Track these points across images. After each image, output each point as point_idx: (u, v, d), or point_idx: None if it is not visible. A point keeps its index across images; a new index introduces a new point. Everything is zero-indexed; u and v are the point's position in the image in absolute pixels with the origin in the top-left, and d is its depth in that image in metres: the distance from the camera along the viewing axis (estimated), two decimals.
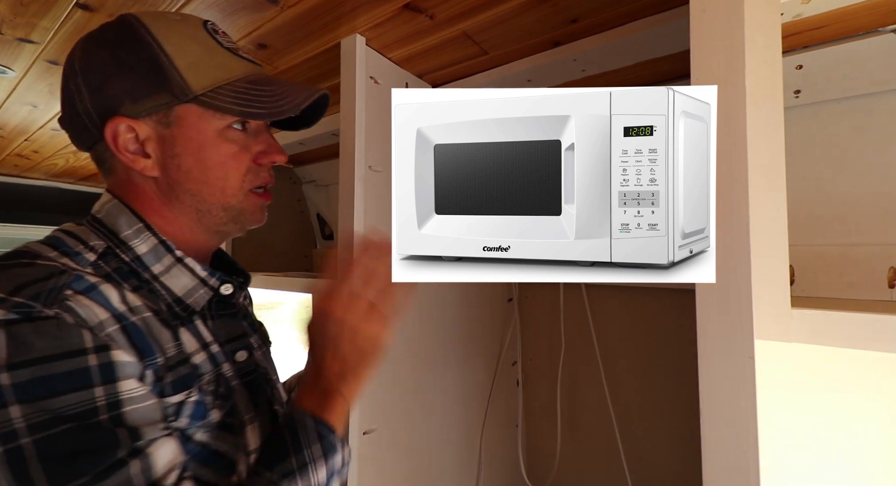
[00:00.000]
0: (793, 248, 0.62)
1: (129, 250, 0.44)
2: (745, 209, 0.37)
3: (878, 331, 0.36)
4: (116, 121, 0.43)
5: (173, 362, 0.41)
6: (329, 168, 1.31)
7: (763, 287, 0.37)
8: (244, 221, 0.49)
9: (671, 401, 0.86)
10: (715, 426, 0.37)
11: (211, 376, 0.44)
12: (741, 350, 0.36)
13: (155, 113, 0.43)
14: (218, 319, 0.48)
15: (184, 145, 0.44)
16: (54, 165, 1.46)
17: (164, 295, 0.44)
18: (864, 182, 0.60)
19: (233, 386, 0.46)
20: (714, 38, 0.39)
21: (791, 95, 0.61)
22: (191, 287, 0.46)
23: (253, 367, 0.50)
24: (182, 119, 0.44)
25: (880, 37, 0.51)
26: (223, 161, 0.45)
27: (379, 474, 0.67)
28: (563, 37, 0.65)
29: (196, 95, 0.43)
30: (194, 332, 0.45)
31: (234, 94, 0.44)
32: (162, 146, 0.44)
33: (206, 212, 0.46)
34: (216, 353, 0.46)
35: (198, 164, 0.45)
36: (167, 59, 0.43)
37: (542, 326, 1.03)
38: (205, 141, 0.45)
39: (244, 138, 0.47)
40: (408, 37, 0.67)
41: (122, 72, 0.43)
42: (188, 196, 0.46)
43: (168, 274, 0.45)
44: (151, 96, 0.43)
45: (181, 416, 0.40)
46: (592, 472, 0.95)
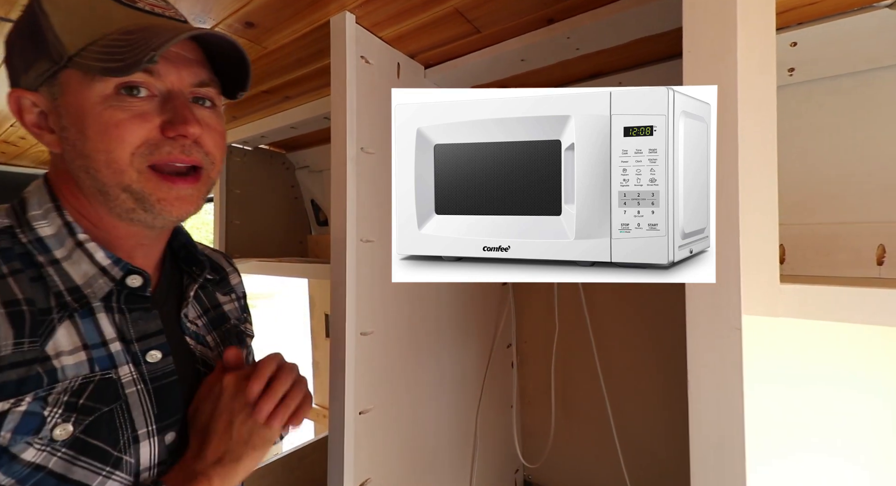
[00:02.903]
0: (784, 227, 0.62)
1: (31, 230, 0.41)
2: (735, 185, 0.37)
3: (863, 304, 0.36)
4: (15, 94, 0.41)
5: (5, 364, 0.35)
6: (322, 153, 1.30)
7: (751, 263, 0.37)
8: (152, 207, 0.41)
9: (663, 382, 0.87)
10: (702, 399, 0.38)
11: (77, 382, 0.38)
12: (728, 322, 0.36)
13: (45, 83, 0.40)
14: (129, 313, 0.43)
15: (67, 116, 0.39)
16: (42, 151, 1.44)
17: (57, 283, 0.40)
18: (856, 160, 0.60)
19: (124, 394, 0.41)
20: (707, 13, 0.38)
21: (785, 73, 0.61)
22: (91, 275, 0.41)
23: (170, 369, 0.45)
24: (65, 86, 0.39)
25: (875, 12, 0.51)
26: (104, 130, 0.39)
27: (374, 454, 0.68)
28: (556, 14, 0.64)
29: (71, 56, 0.38)
30: (87, 327, 0.40)
31: (103, 49, 0.38)
32: (56, 119, 0.40)
33: (107, 193, 0.40)
34: (115, 352, 0.41)
35: (79, 135, 0.39)
36: (44, 17, 0.38)
37: (536, 309, 1.04)
38: (85, 108, 0.39)
39: (143, 106, 0.40)
40: (398, 14, 0.66)
41: (17, 40, 0.41)
42: (83, 174, 0.40)
43: (70, 260, 0.41)
44: (36, 63, 0.39)
45: (2, 430, 0.35)
46: (586, 452, 0.97)
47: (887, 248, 0.56)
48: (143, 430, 0.41)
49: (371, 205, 0.69)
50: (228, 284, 0.61)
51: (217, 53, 0.45)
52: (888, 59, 0.56)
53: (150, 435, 0.42)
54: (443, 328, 0.86)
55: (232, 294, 0.61)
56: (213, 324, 0.55)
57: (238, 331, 0.58)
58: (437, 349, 0.84)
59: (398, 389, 0.74)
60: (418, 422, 0.79)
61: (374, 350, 0.69)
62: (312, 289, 1.63)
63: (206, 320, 0.54)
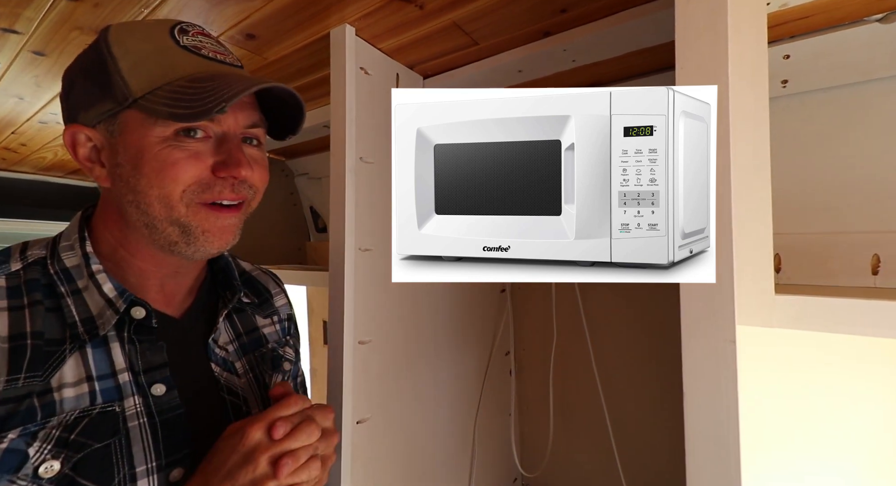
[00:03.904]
0: (780, 236, 0.63)
1: (59, 261, 0.43)
2: (728, 196, 0.37)
3: (858, 315, 0.37)
4: (72, 129, 0.43)
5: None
6: (321, 161, 1.30)
7: (746, 273, 0.38)
8: (196, 239, 0.44)
9: (661, 389, 0.87)
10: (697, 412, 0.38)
11: (73, 415, 0.38)
12: (722, 335, 0.36)
13: (104, 121, 0.42)
14: (139, 344, 0.44)
15: (125, 153, 0.42)
16: (43, 158, 1.44)
17: (73, 313, 0.41)
18: (850, 171, 0.60)
19: (125, 427, 0.40)
20: (698, 27, 0.39)
21: (778, 85, 0.61)
22: (101, 306, 0.42)
23: (176, 403, 0.44)
24: (125, 125, 0.41)
25: (866, 26, 0.52)
26: (160, 168, 0.41)
27: (372, 462, 0.68)
28: (552, 27, 0.65)
29: (136, 99, 0.40)
30: (99, 357, 0.41)
31: (169, 94, 0.40)
32: (110, 155, 0.43)
33: (153, 227, 0.43)
34: (123, 383, 0.41)
35: (134, 172, 0.41)
36: (112, 61, 0.41)
37: (534, 316, 1.04)
38: (143, 148, 0.41)
39: (199, 147, 0.42)
40: (397, 27, 0.66)
41: (79, 79, 0.43)
42: (132, 208, 0.43)
43: (87, 290, 0.43)
44: (99, 103, 0.42)
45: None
46: (584, 460, 0.97)
47: (882, 257, 0.56)
48: (142, 467, 0.40)
49: (370, 214, 0.69)
50: (272, 306, 0.61)
51: (271, 97, 0.47)
52: (880, 71, 0.56)
53: (150, 473, 0.41)
54: (441, 336, 0.86)
55: (274, 317, 0.60)
56: (245, 349, 0.54)
57: (274, 355, 0.56)
58: (436, 358, 0.84)
59: (396, 397, 0.74)
60: (416, 431, 0.79)
61: (373, 359, 0.69)
62: (311, 296, 1.63)
63: (238, 346, 0.53)
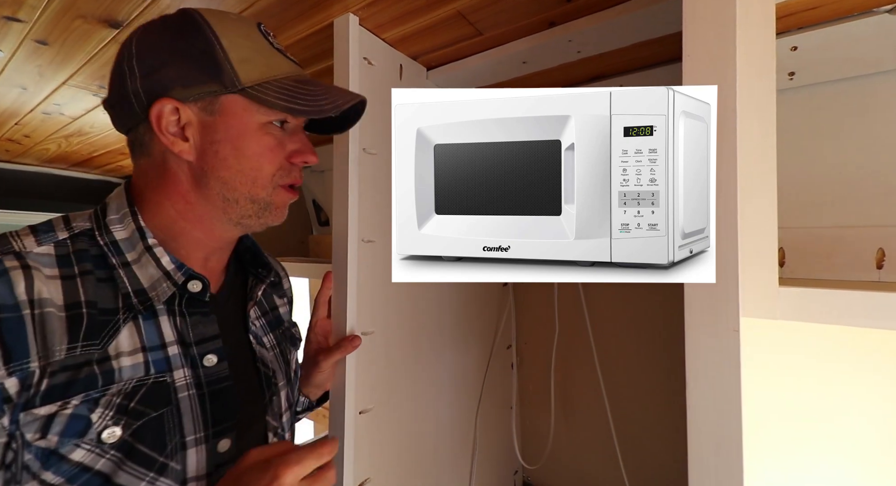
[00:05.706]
0: (785, 230, 0.62)
1: (108, 233, 0.44)
2: (734, 189, 0.37)
3: (861, 307, 0.37)
4: (164, 101, 0.44)
5: (56, 368, 0.37)
6: (324, 154, 1.29)
7: (750, 266, 0.38)
8: (268, 215, 0.50)
9: (663, 384, 0.87)
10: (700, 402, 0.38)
11: (132, 384, 0.40)
12: (726, 324, 0.36)
13: (201, 100, 0.45)
14: (190, 317, 0.46)
15: (225, 133, 0.45)
16: (46, 149, 1.44)
17: (126, 284, 0.43)
18: (857, 164, 0.60)
19: (176, 398, 0.42)
20: (706, 18, 0.39)
21: (785, 77, 0.61)
22: (156, 279, 0.44)
23: (225, 374, 0.47)
24: (227, 108, 0.45)
25: (875, 17, 0.51)
26: (260, 152, 0.46)
27: (374, 454, 0.68)
28: (557, 17, 0.64)
29: (244, 87, 0.45)
30: (149, 329, 0.43)
31: (281, 90, 0.46)
32: (202, 132, 0.45)
33: (234, 201, 0.47)
34: (172, 356, 0.43)
35: (234, 152, 0.46)
36: (223, 51, 0.45)
37: (536, 310, 1.04)
38: (245, 131, 0.46)
39: (282, 136, 0.48)
40: (401, 16, 0.66)
41: (176, 58, 0.44)
42: (219, 184, 0.46)
43: (139, 263, 0.44)
44: (203, 84, 0.44)
45: (49, 433, 0.36)
46: (585, 453, 0.97)
47: (887, 251, 0.56)
48: (191, 437, 0.42)
49: (372, 205, 0.69)
50: (282, 287, 0.66)
51: None
52: (889, 63, 0.56)
53: (199, 442, 0.43)
54: (443, 329, 0.86)
55: (284, 298, 0.65)
56: (271, 326, 0.58)
57: (291, 334, 0.61)
58: (438, 350, 0.84)
59: (398, 389, 0.74)
60: (418, 422, 0.79)
61: (375, 350, 0.69)
62: (313, 289, 1.63)
63: (265, 322, 0.57)
